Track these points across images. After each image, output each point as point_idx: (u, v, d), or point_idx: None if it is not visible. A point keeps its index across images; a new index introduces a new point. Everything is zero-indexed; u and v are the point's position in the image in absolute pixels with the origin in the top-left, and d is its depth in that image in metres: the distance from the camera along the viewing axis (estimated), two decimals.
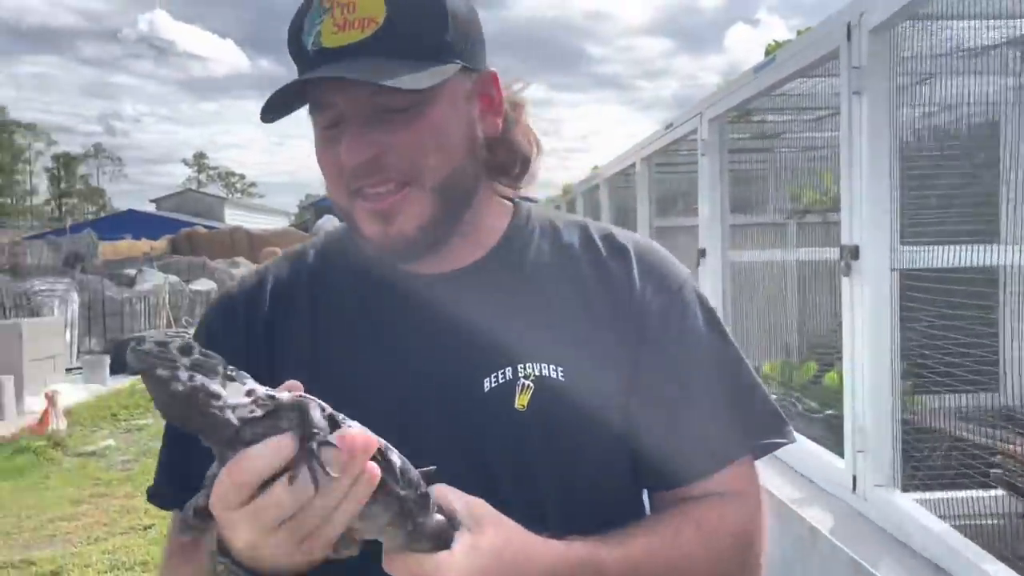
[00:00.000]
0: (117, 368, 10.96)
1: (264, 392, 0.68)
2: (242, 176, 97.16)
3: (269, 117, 0.92)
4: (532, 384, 0.94)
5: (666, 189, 5.25)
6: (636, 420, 0.96)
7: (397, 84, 0.85)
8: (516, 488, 0.92)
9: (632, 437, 0.96)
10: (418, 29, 0.90)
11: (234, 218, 39.94)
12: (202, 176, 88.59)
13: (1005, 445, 1.96)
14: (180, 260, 20.03)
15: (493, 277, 1.01)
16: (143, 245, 24.66)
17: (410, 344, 0.97)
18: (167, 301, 14.42)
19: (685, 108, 4.23)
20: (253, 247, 24.29)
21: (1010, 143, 1.74)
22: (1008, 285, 1.92)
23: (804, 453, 2.62)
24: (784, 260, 3.41)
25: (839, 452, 2.39)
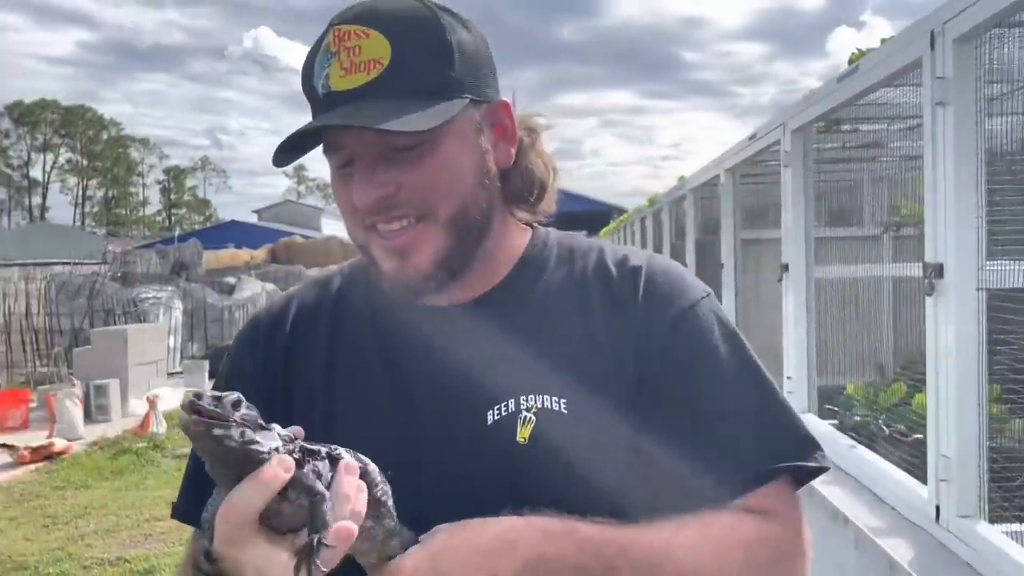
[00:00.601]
0: (215, 373, 11.36)
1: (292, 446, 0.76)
2: None
3: (281, 159, 0.94)
4: (534, 417, 0.92)
5: (754, 201, 5.12)
6: (643, 448, 0.93)
7: (401, 126, 0.86)
8: None
9: (641, 466, 0.93)
10: (423, 68, 0.90)
11: (330, 227, 40.92)
12: (301, 187, 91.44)
13: None
14: (278, 268, 20.72)
15: (500, 309, 1.00)
16: (244, 254, 25.55)
17: (417, 375, 0.98)
18: None
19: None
20: (346, 255, 24.86)
21: None
22: None
23: (886, 479, 2.51)
24: (873, 275, 3.28)
25: (926, 479, 2.28)
